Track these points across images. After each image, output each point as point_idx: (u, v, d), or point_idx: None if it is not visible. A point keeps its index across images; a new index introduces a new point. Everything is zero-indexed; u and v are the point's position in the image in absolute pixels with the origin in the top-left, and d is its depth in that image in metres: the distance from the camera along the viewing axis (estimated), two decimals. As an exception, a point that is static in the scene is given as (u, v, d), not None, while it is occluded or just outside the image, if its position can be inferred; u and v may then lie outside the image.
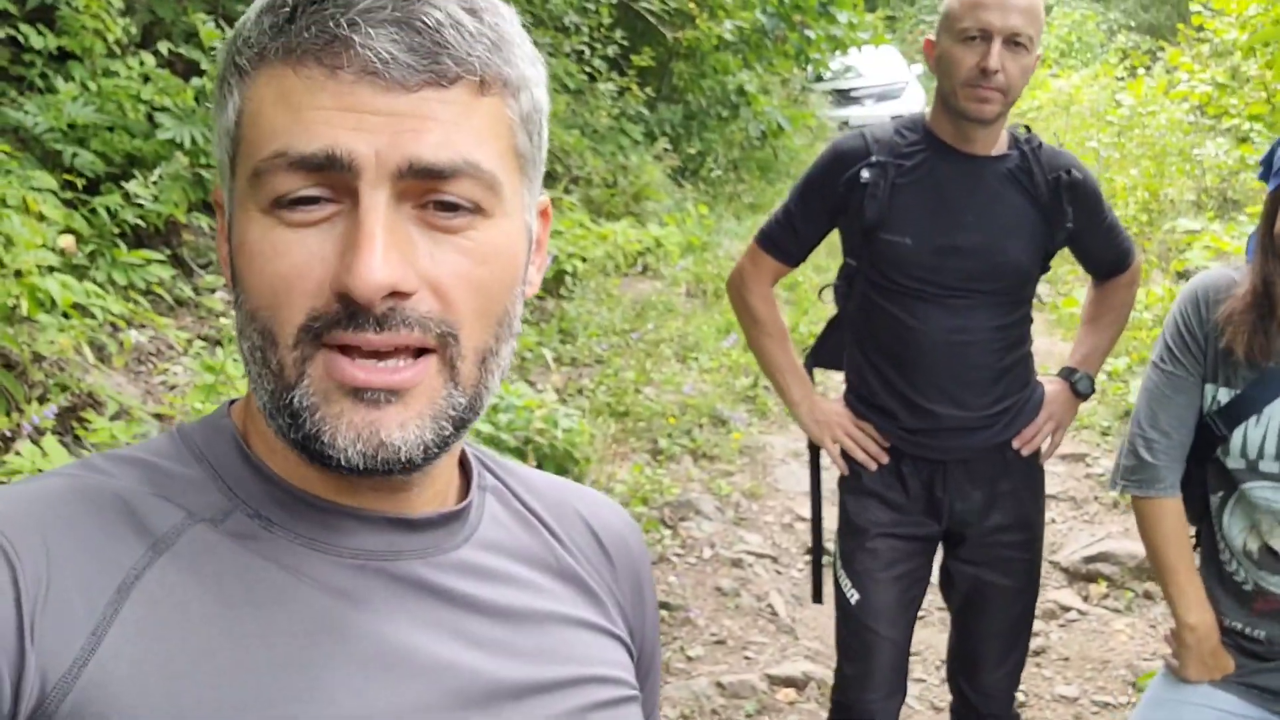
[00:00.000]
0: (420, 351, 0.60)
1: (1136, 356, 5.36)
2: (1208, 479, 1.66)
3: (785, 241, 2.07)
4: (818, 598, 2.30)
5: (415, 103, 0.58)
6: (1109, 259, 2.11)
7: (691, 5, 6.74)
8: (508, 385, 3.76)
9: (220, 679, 0.58)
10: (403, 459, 0.60)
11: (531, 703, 0.66)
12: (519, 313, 0.66)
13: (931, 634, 3.25)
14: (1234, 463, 1.58)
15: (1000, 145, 1.95)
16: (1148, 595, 3.58)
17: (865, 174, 1.92)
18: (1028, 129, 2.01)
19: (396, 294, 0.58)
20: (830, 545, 2.24)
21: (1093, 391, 2.16)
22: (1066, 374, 2.13)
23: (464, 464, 0.74)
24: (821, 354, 2.20)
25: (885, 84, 13.85)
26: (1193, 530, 1.78)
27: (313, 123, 0.58)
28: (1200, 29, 8.83)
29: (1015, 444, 2.02)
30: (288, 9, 0.59)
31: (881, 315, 1.97)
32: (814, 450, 2.21)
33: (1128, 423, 1.75)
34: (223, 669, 0.58)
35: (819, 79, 12.49)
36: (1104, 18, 17.71)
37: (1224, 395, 1.59)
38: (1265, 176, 1.56)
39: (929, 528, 2.04)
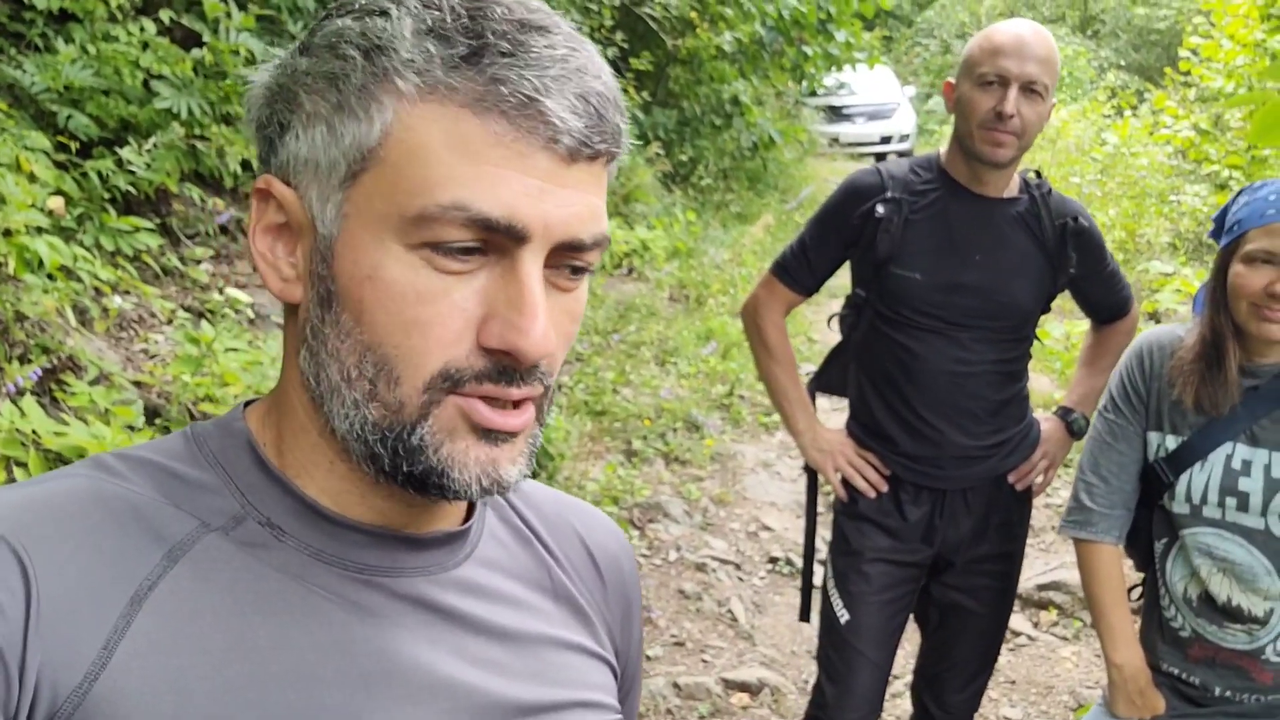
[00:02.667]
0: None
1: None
2: (1153, 526, 1.73)
3: (800, 272, 2.12)
4: (805, 616, 2.32)
5: (577, 176, 0.59)
6: (1109, 305, 2.18)
7: (693, 14, 6.79)
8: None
9: (228, 693, 0.58)
10: (508, 489, 0.63)
11: None
12: None
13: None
14: (1179, 508, 1.65)
15: (1012, 188, 2.01)
16: (1094, 626, 3.66)
17: (880, 209, 1.97)
18: (1039, 174, 2.07)
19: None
20: (819, 563, 2.29)
21: (1087, 431, 2.22)
22: (1063, 413, 2.19)
23: None
24: (825, 380, 2.25)
25: (877, 103, 13.98)
26: (1140, 577, 1.86)
27: (497, 183, 0.57)
28: (1187, 74, 8.99)
29: (1011, 478, 2.08)
30: (463, 48, 0.57)
31: (888, 344, 2.03)
32: (812, 476, 2.26)
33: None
34: (231, 683, 0.58)
35: (813, 94, 12.58)
36: (1095, 55, 17.94)
37: (1171, 442, 1.66)
38: (1216, 235, 1.64)
39: (923, 554, 2.09)
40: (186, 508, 0.62)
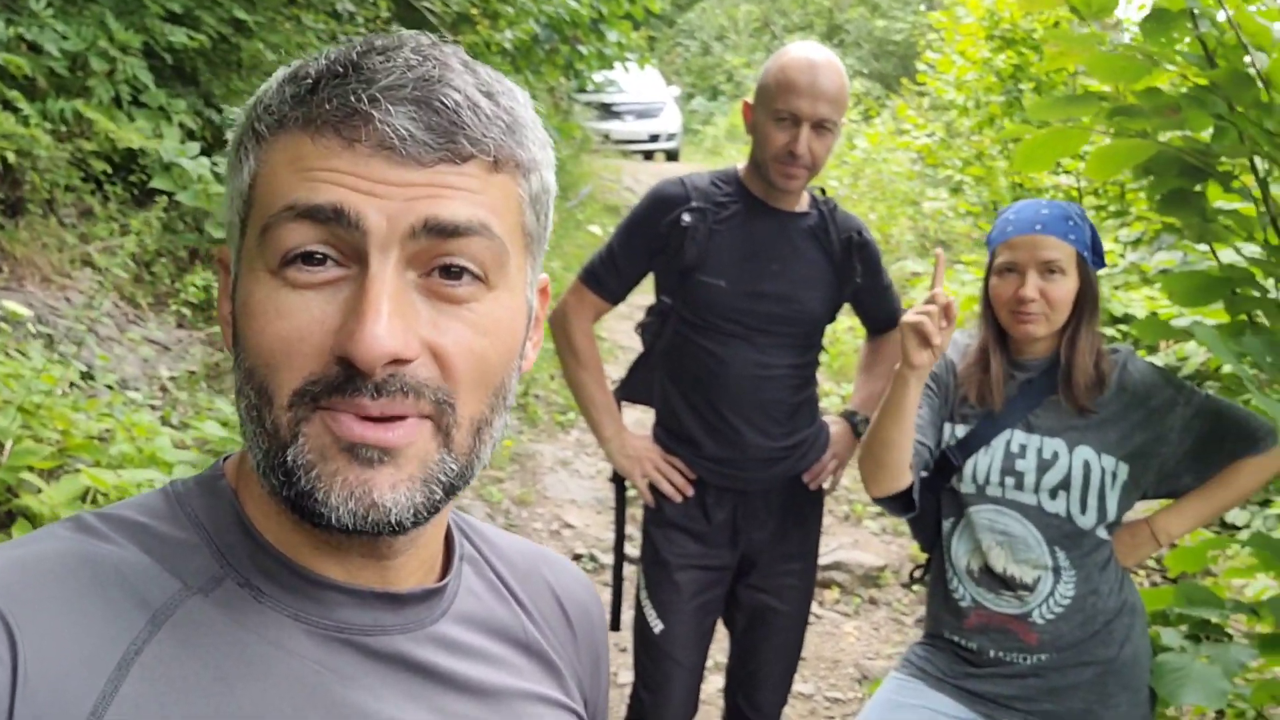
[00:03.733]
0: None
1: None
2: (941, 507, 1.94)
3: (608, 279, 2.17)
4: (615, 625, 2.35)
5: (429, 175, 0.59)
6: (883, 316, 2.35)
7: (474, 10, 6.74)
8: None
9: None
10: (392, 521, 0.60)
11: None
12: (515, 387, 0.67)
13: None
14: (966, 488, 1.86)
15: (802, 203, 2.14)
16: (872, 601, 4.00)
17: (686, 218, 2.05)
18: (823, 190, 2.22)
19: (397, 361, 0.58)
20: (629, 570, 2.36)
21: None
22: (848, 416, 2.35)
23: (446, 531, 0.75)
24: (629, 388, 2.30)
25: (646, 102, 14.35)
26: (924, 560, 2.07)
27: (324, 181, 0.58)
28: (923, 85, 9.81)
29: (805, 478, 2.21)
30: (310, 80, 0.60)
31: (694, 350, 2.11)
32: (619, 483, 2.31)
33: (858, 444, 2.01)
34: None
35: (582, 90, 12.74)
36: (841, 62, 19.18)
37: (961, 431, 1.88)
38: (989, 243, 1.88)
39: (728, 557, 2.18)
40: (169, 569, 0.62)
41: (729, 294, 2.06)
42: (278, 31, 5.22)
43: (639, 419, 3.11)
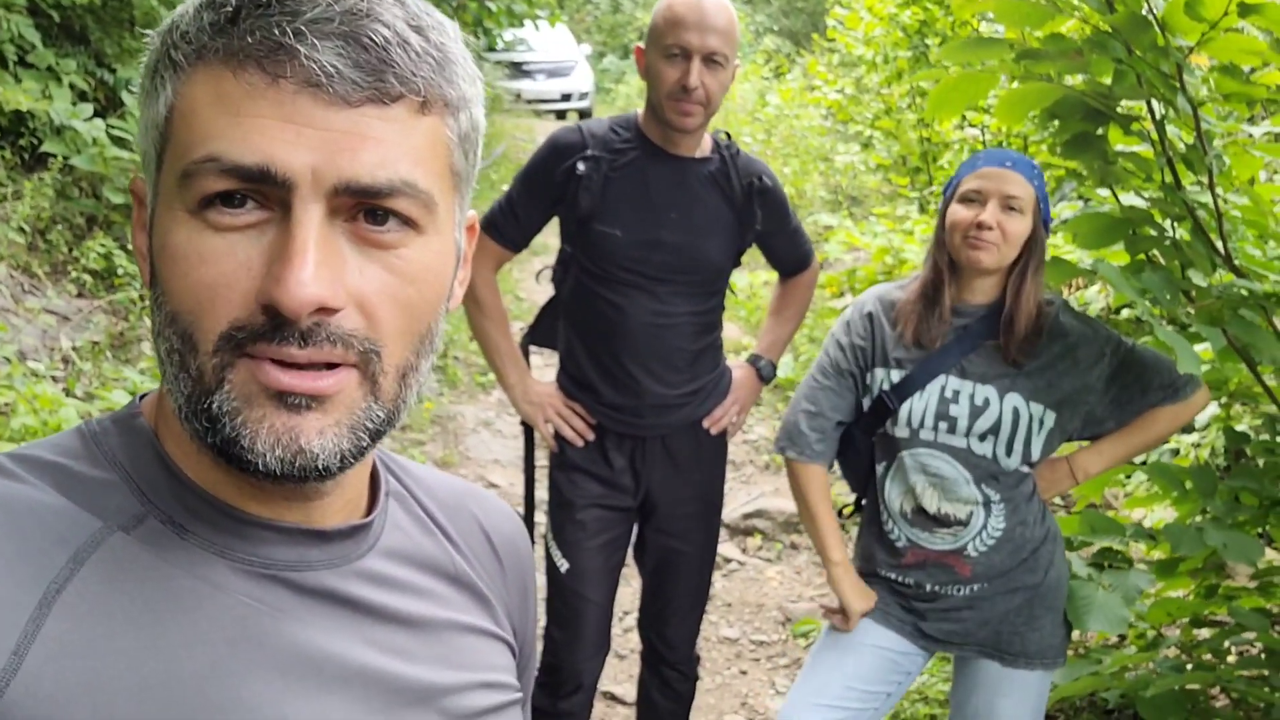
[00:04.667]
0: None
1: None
2: (875, 451, 1.99)
3: (508, 228, 2.16)
4: None
5: (355, 119, 0.57)
6: (793, 259, 2.37)
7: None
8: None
9: (145, 694, 0.57)
10: (319, 466, 0.59)
11: (431, 707, 0.69)
12: (441, 329, 0.67)
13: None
14: (900, 432, 1.91)
15: (704, 148, 2.13)
16: (794, 546, 4.09)
17: (580, 166, 2.04)
18: (728, 135, 2.21)
19: (323, 309, 0.57)
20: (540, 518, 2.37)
21: (775, 376, 2.43)
22: (753, 360, 2.37)
23: (371, 469, 0.74)
24: (538, 334, 2.31)
25: (556, 61, 14.17)
26: (854, 497, 2.13)
27: (250, 131, 0.56)
28: (832, 41, 9.91)
29: (706, 424, 2.23)
30: (230, 8, 0.58)
31: (593, 299, 2.11)
32: (528, 431, 2.31)
33: (778, 394, 2.06)
34: (147, 682, 0.57)
35: (492, 49, 12.54)
36: (752, 20, 19.22)
37: (895, 375, 1.92)
38: (945, 191, 1.91)
39: (629, 499, 2.20)
40: (88, 508, 0.61)
41: (625, 243, 2.06)
42: (172, -14, 5.01)
43: (549, 363, 3.12)
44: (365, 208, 0.59)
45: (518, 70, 13.64)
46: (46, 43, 4.27)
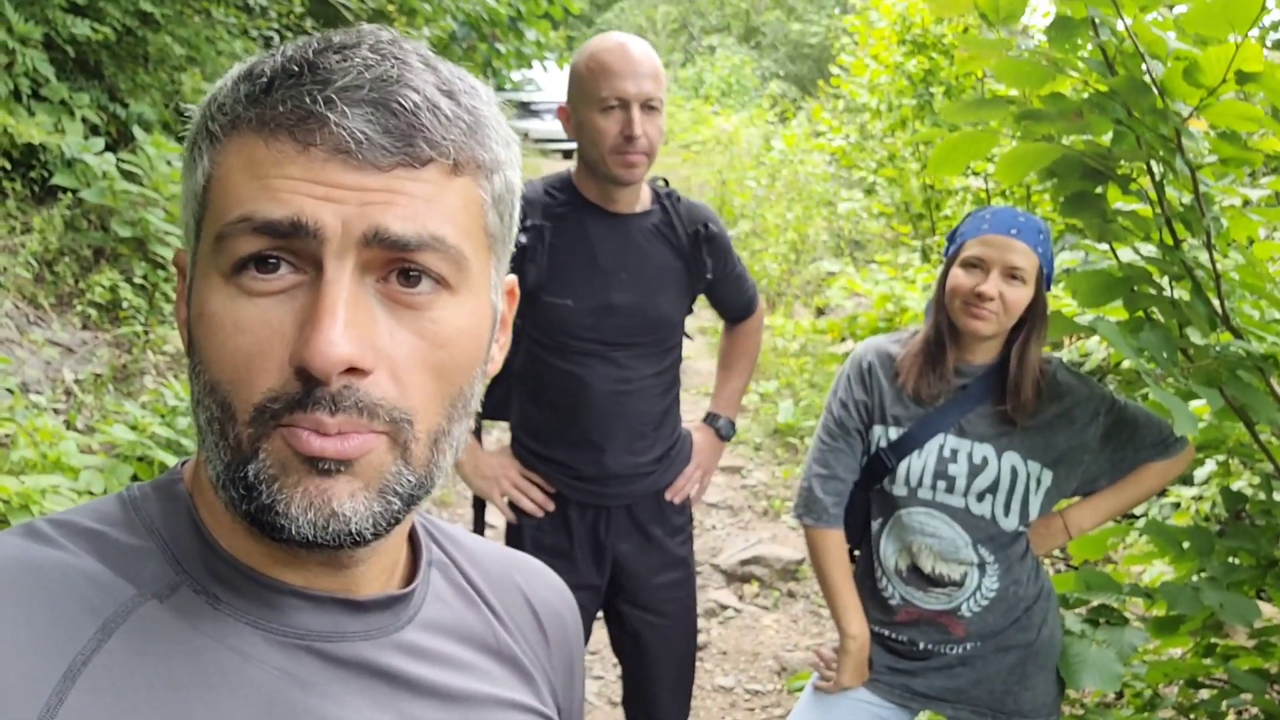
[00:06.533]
0: None
1: (784, 380, 6.01)
2: (871, 507, 1.98)
3: None
4: None
5: (386, 180, 0.58)
6: (739, 305, 2.29)
7: (391, 7, 6.66)
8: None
9: None
10: (353, 530, 0.58)
11: None
12: (478, 392, 0.65)
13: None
14: (898, 490, 1.90)
15: (644, 200, 2.06)
16: (791, 594, 4.07)
17: (522, 238, 1.94)
18: (666, 182, 2.15)
19: (354, 371, 0.56)
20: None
21: (734, 433, 2.36)
22: (711, 420, 2.31)
23: (412, 537, 0.73)
24: (488, 406, 2.20)
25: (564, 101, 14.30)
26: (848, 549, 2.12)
27: (280, 190, 0.57)
28: (837, 88, 10.00)
29: (668, 495, 2.14)
30: (265, 79, 0.59)
31: (549, 370, 2.03)
32: (479, 505, 2.22)
33: (777, 439, 2.06)
34: None
35: (500, 89, 12.67)
36: (759, 64, 19.44)
37: (894, 433, 1.91)
38: (948, 250, 1.92)
39: (595, 575, 2.10)
40: (122, 575, 0.60)
41: (577, 312, 1.99)
42: (186, 25, 5.08)
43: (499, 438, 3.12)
44: (397, 267, 0.59)
45: (525, 110, 13.78)
46: (60, 77, 4.32)
